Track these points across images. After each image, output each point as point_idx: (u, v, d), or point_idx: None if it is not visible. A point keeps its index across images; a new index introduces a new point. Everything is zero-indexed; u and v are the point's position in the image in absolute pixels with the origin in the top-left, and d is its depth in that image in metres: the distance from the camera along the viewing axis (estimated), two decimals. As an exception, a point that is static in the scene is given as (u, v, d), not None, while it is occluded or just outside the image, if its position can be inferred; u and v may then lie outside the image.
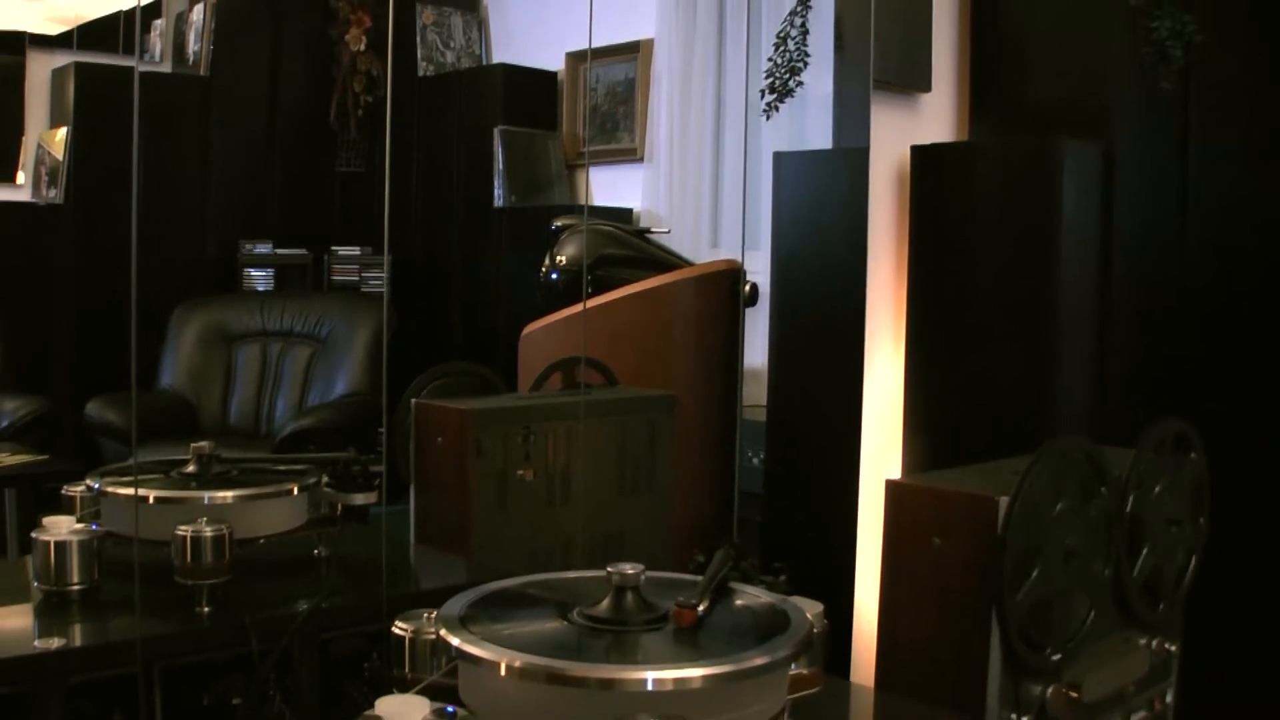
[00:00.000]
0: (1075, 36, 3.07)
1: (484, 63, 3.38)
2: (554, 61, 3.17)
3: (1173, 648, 2.41)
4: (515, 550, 2.25)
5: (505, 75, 3.41)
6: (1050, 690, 2.07)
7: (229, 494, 1.99)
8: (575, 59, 3.15)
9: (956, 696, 2.02)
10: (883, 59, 2.85)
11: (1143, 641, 2.32)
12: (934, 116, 3.10)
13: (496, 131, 3.08)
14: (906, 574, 2.11)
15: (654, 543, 2.49)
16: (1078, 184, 2.84)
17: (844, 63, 2.84)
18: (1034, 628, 2.01)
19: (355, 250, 3.10)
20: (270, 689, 1.88)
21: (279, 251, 3.10)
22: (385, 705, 1.26)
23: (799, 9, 2.80)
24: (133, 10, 2.76)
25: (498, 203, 3.08)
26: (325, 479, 2.13)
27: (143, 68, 3.11)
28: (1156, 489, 2.29)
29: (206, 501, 1.96)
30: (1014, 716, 2.04)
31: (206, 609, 1.85)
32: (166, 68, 3.24)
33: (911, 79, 2.99)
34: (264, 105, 3.32)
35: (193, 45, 3.25)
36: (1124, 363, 3.05)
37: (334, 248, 3.16)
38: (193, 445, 2.09)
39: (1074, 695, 2.10)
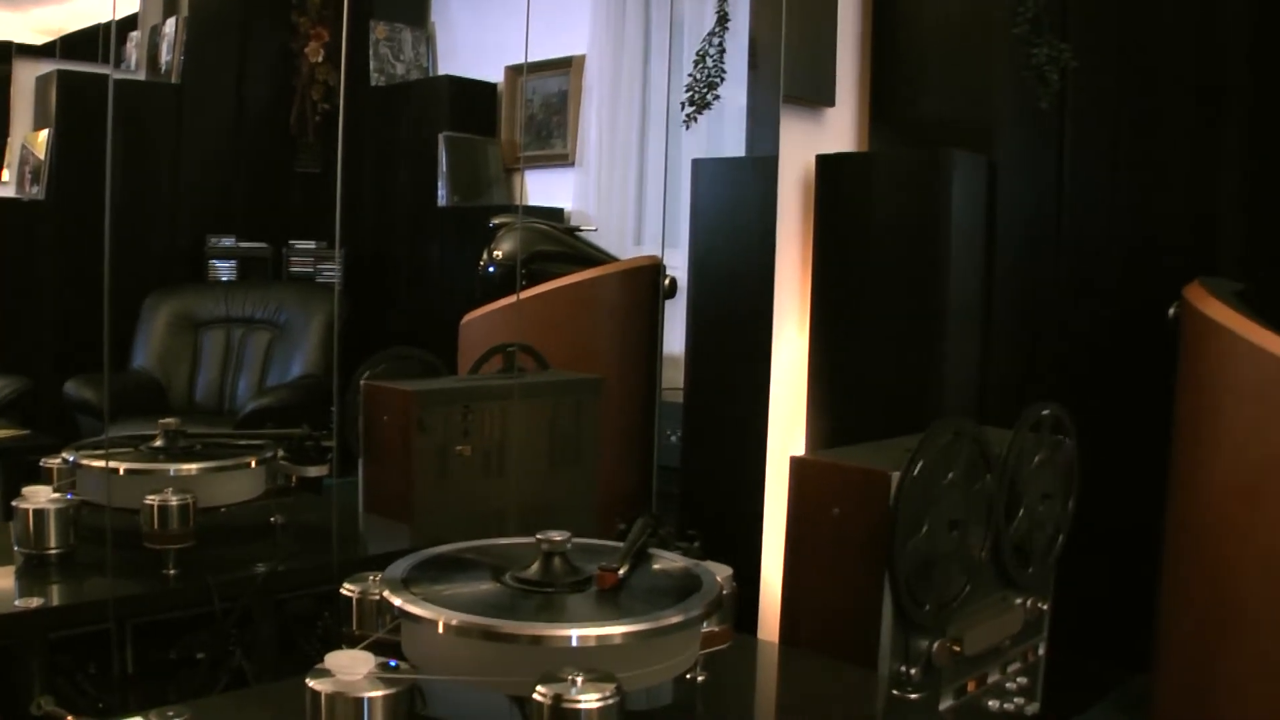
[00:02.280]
0: (964, 59, 3.09)
1: (430, 74, 3.36)
2: (494, 74, 3.16)
3: (1044, 606, 2.44)
4: (454, 518, 2.25)
5: (450, 86, 3.40)
6: (935, 644, 2.09)
7: (194, 466, 1.98)
8: (514, 72, 3.14)
9: (852, 650, 2.03)
10: (792, 76, 2.86)
11: (1018, 601, 2.34)
12: (837, 129, 3.11)
13: (441, 137, 3.07)
14: (808, 541, 2.12)
15: (581, 512, 2.49)
16: (965, 190, 2.86)
17: (757, 79, 2.84)
18: (921, 589, 2.03)
19: (311, 244, 3.08)
20: (231, 644, 1.88)
21: (242, 245, 3.07)
22: (333, 659, 1.26)
23: (717, 30, 2.80)
24: (110, 23, 2.73)
25: (441, 202, 3.07)
26: (282, 453, 2.13)
27: (118, 75, 3.07)
28: (1032, 465, 2.31)
29: (173, 473, 1.95)
30: (903, 667, 2.06)
31: (173, 571, 1.85)
32: (141, 76, 3.21)
33: (817, 94, 3.00)
34: (230, 111, 3.30)
35: (165, 55, 3.21)
36: (1005, 351, 3.08)
37: (292, 242, 3.13)
38: (161, 422, 2.08)
39: (956, 649, 2.13)
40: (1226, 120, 3.47)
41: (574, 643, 1.31)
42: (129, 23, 3.23)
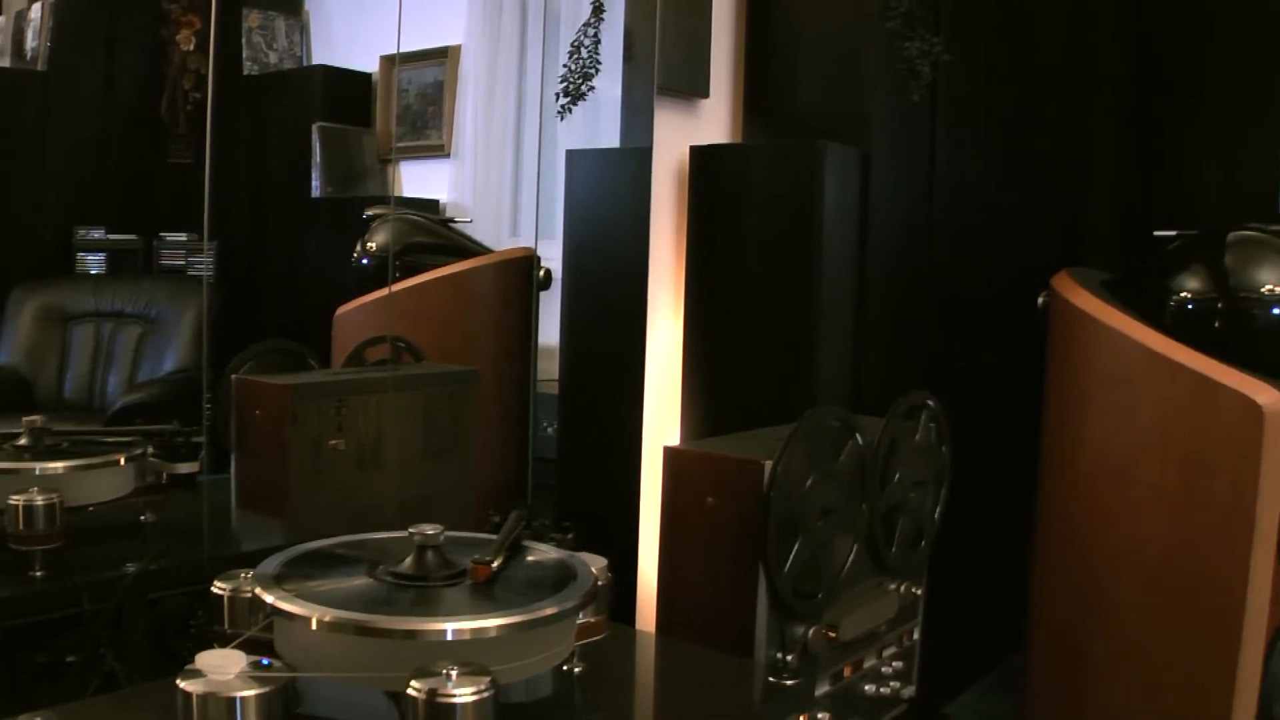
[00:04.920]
0: (838, 52, 3.11)
1: (305, 64, 3.32)
2: (370, 64, 3.13)
3: (919, 591, 2.48)
4: (329, 513, 2.23)
5: (324, 76, 3.36)
6: (811, 631, 2.11)
7: (60, 465, 1.94)
8: (389, 62, 3.11)
9: (729, 638, 2.05)
10: (666, 68, 2.87)
11: (893, 586, 2.38)
12: (711, 120, 3.13)
13: (315, 128, 3.04)
14: (683, 531, 2.14)
15: (457, 505, 2.49)
16: (838, 182, 2.89)
17: (632, 70, 2.85)
18: (796, 576, 2.05)
19: (183, 236, 3.03)
20: (102, 646, 1.85)
21: (111, 237, 3.02)
22: (205, 659, 1.24)
23: (592, 21, 2.80)
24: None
25: (315, 193, 3.03)
26: (151, 450, 2.10)
27: (-19, 63, 3.01)
28: (905, 452, 2.35)
29: (38, 472, 1.91)
30: (779, 654, 2.08)
31: (40, 572, 1.81)
32: (5, 63, 3.14)
33: (692, 86, 3.01)
34: (99, 100, 3.23)
35: (31, 42, 3.14)
36: (879, 341, 3.11)
37: (163, 234, 3.09)
38: (25, 419, 2.04)
39: (832, 635, 2.15)
40: (1096, 115, 3.55)
41: (448, 636, 1.31)
42: (-7, 8, 3.16)
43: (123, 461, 2.03)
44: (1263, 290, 2.58)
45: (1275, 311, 2.57)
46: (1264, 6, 3.34)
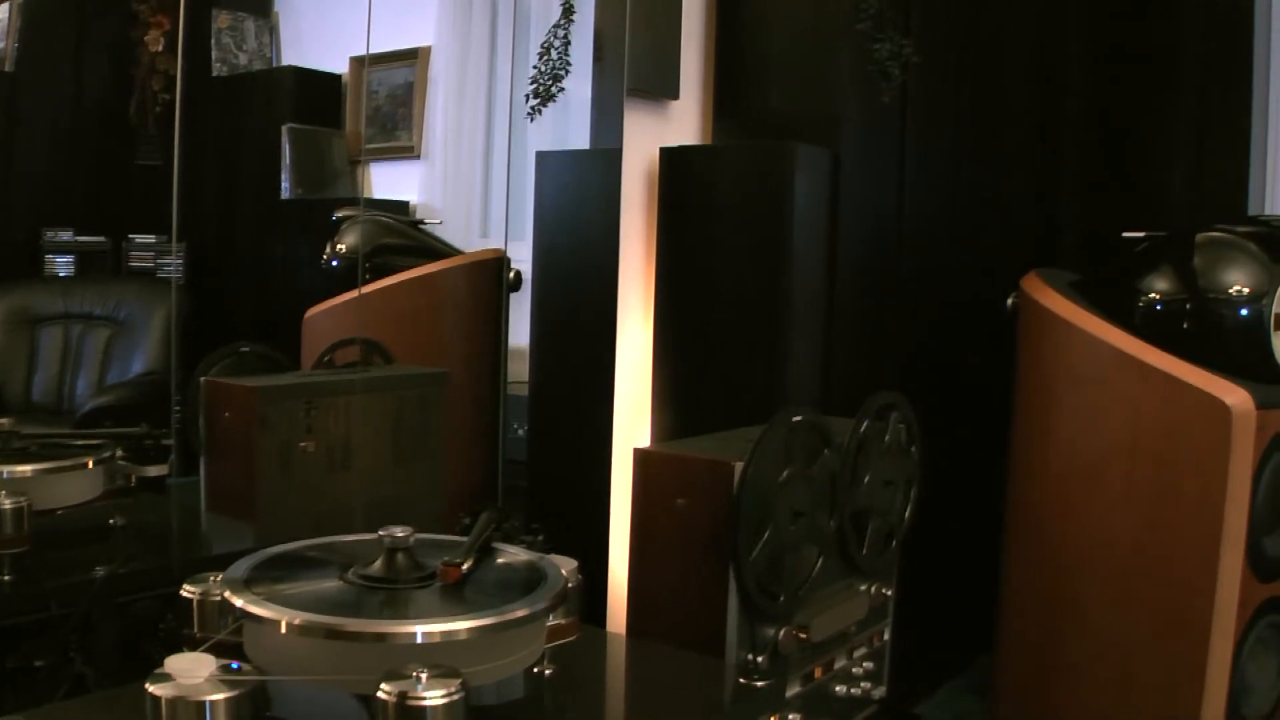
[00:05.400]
0: (808, 54, 3.12)
1: (274, 65, 3.31)
2: (339, 65, 3.13)
3: (889, 592, 2.49)
4: (298, 516, 2.23)
5: (294, 77, 3.35)
6: (782, 632, 2.11)
7: (28, 468, 1.93)
8: (359, 63, 3.11)
9: (700, 640, 2.05)
10: (636, 69, 2.87)
11: (863, 587, 2.38)
12: (681, 121, 3.13)
13: (285, 129, 3.03)
14: (654, 533, 2.14)
15: (427, 508, 2.49)
16: (808, 183, 2.89)
17: (601, 72, 2.85)
18: (767, 578, 2.06)
19: (152, 238, 3.02)
20: (71, 650, 1.84)
21: (80, 239, 3.00)
22: (174, 663, 1.24)
23: (562, 22, 2.80)
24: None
25: (285, 195, 3.03)
26: (120, 453, 2.09)
27: (-54, 65, 3.00)
28: (875, 452, 2.35)
29: (6, 475, 1.90)
30: (750, 656, 2.08)
31: (8, 577, 1.80)
32: (-28, 64, 3.13)
33: (662, 87, 3.02)
34: (68, 101, 3.22)
35: (-2, 43, 3.13)
36: (849, 342, 3.12)
37: (131, 236, 3.07)
38: (-8, 422, 2.04)
39: (803, 636, 2.16)
40: (1065, 116, 3.57)
41: (418, 639, 1.31)
42: (-41, 10, 3.15)
43: (91, 464, 2.02)
44: (1230, 291, 2.60)
45: (1243, 312, 2.58)
46: (1233, 7, 3.36)
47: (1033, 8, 3.60)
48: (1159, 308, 2.65)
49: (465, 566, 1.51)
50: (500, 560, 1.61)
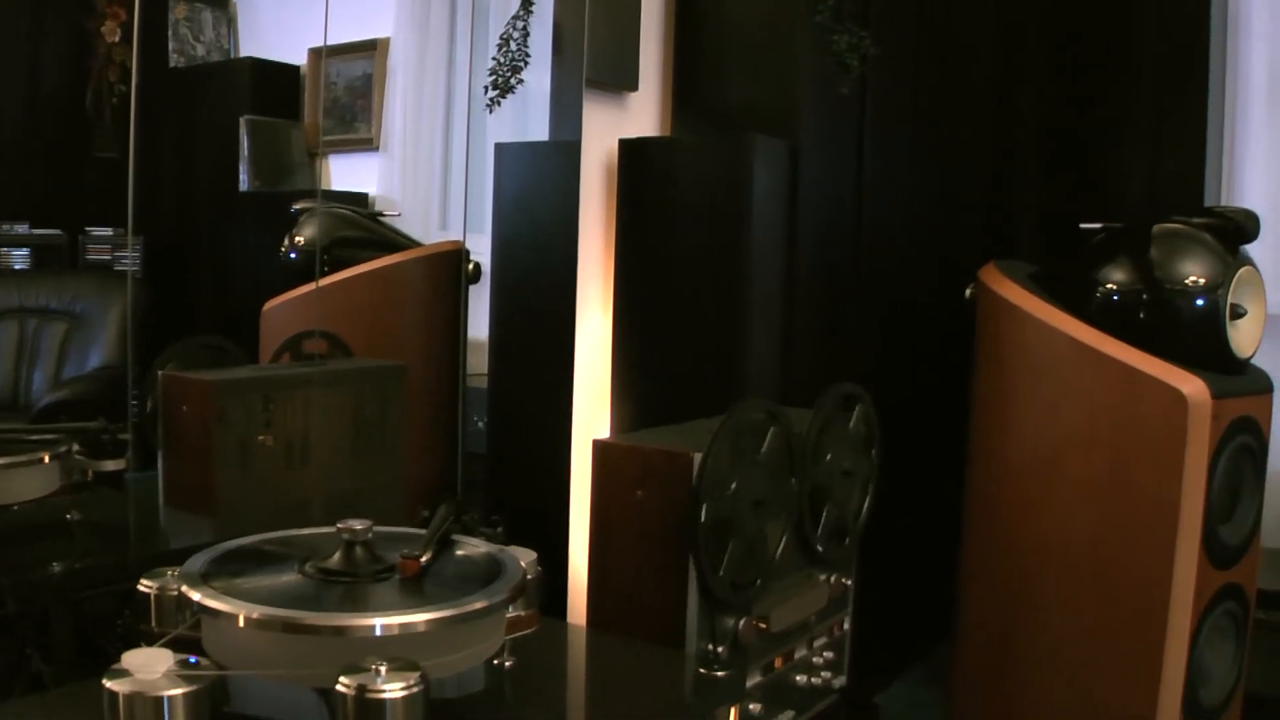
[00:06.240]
0: (767, 45, 3.12)
1: (232, 56, 3.29)
2: (298, 56, 3.12)
3: (848, 582, 2.50)
4: (257, 510, 2.22)
5: (252, 68, 3.33)
6: (742, 622, 2.12)
7: (-19, 463, 1.93)
8: (317, 54, 3.10)
9: (660, 630, 2.06)
10: (595, 61, 2.87)
11: (823, 577, 2.39)
12: (640, 113, 3.13)
13: (243, 121, 3.01)
14: (613, 524, 2.15)
15: (386, 500, 2.48)
16: (767, 175, 2.90)
17: (560, 63, 2.85)
18: (725, 568, 2.06)
19: (108, 231, 3.00)
20: (27, 647, 1.83)
21: (35, 231, 2.99)
22: (131, 658, 1.23)
23: (521, 13, 2.80)
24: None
25: (243, 187, 3.01)
26: (76, 447, 2.08)
27: (-102, 56, 2.97)
28: (833, 443, 2.36)
29: (-40, 470, 1.90)
30: (710, 646, 2.09)
31: (-38, 573, 1.80)
32: (-75, 55, 3.10)
33: (621, 80, 3.02)
34: (22, 93, 3.20)
35: (-50, 35, 3.11)
36: (808, 333, 3.13)
37: (88, 228, 3.06)
38: (-57, 418, 2.03)
39: (763, 626, 2.17)
40: (1023, 107, 3.58)
41: (377, 632, 1.31)
42: (-90, 1, 3.12)
43: (47, 459, 2.01)
44: (1186, 282, 2.62)
45: (1199, 303, 2.60)
46: (1190, 0, 3.38)
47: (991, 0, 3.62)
48: (1116, 298, 2.66)
49: (424, 559, 1.51)
50: (459, 553, 1.60)
